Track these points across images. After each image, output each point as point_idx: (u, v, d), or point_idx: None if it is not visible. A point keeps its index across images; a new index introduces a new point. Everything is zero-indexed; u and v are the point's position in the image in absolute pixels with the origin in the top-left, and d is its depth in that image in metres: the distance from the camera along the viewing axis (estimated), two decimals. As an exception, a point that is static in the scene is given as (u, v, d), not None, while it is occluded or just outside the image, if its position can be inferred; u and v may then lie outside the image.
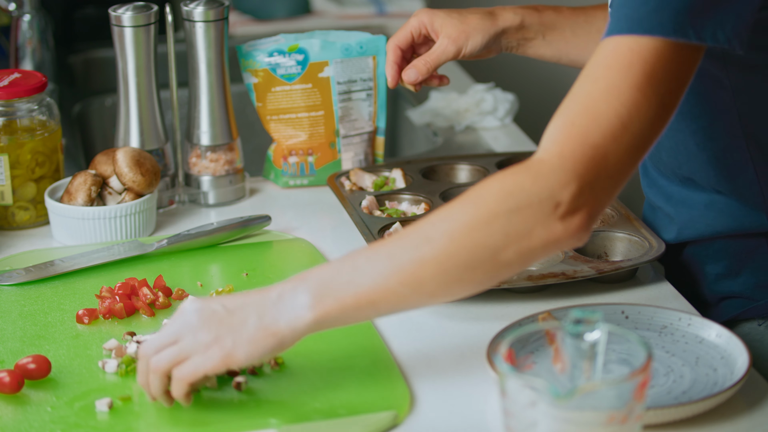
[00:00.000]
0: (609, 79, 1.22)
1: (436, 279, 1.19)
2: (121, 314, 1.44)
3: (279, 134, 1.82)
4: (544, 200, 1.19)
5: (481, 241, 1.19)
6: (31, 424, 1.25)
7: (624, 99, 1.22)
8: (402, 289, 1.20)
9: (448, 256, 1.19)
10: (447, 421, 1.26)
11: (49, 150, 1.71)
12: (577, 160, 1.20)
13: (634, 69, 1.22)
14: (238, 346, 1.20)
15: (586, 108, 1.22)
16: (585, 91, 1.23)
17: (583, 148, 1.21)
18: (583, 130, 1.21)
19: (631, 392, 1.05)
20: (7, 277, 1.55)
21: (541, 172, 1.20)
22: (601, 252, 1.57)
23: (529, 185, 1.20)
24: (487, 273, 1.20)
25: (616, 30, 1.24)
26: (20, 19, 2.02)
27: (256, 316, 1.21)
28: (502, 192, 1.20)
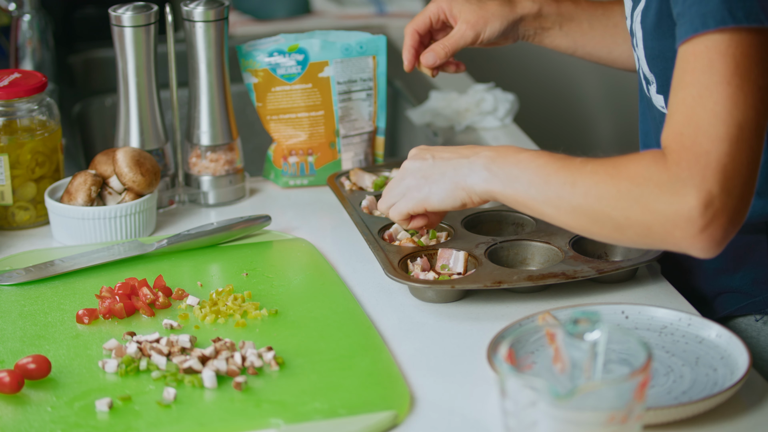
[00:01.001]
0: (697, 83, 1.26)
1: (570, 216, 1.34)
2: (121, 314, 1.45)
3: (279, 134, 1.82)
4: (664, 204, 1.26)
5: (606, 211, 1.31)
6: (31, 424, 1.25)
7: (717, 97, 1.25)
8: (544, 208, 1.36)
9: (580, 207, 1.33)
10: (447, 421, 1.26)
11: (49, 150, 1.71)
12: (692, 169, 1.25)
13: (717, 65, 1.26)
14: (433, 193, 1.45)
15: (687, 117, 1.27)
16: (680, 100, 1.28)
17: (696, 156, 1.25)
18: (692, 139, 1.26)
19: (631, 392, 1.05)
20: (7, 277, 1.55)
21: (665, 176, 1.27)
22: (601, 252, 1.57)
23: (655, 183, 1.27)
24: (611, 236, 1.33)
25: (690, 30, 1.28)
26: (20, 19, 2.02)
27: (452, 171, 1.43)
28: (636, 178, 1.29)
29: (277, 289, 1.52)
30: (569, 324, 1.10)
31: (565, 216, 1.34)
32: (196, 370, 1.32)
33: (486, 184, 1.40)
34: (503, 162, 1.39)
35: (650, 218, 1.27)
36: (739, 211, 1.26)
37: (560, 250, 1.53)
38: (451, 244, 1.55)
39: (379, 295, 1.51)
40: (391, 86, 2.29)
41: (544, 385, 1.04)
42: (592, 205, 1.31)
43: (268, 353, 1.35)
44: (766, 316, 1.53)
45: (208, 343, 1.38)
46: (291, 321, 1.45)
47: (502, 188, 1.38)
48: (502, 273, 1.48)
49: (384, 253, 1.53)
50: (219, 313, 1.45)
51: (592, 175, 1.32)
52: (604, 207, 1.30)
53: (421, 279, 1.48)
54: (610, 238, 1.33)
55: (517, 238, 1.57)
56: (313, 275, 1.56)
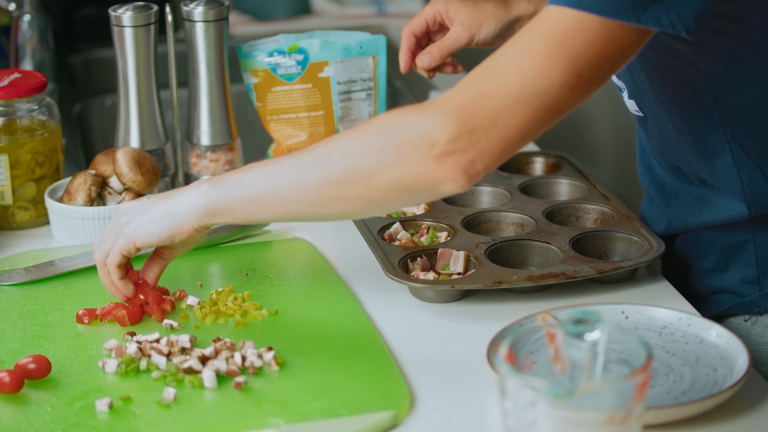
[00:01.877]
0: (526, 42, 1.26)
1: (312, 188, 1.29)
2: (124, 322, 1.44)
3: (279, 134, 1.82)
4: (420, 137, 1.25)
5: (354, 162, 1.27)
6: (31, 424, 1.25)
7: (532, 61, 1.25)
8: (281, 192, 1.31)
9: (323, 169, 1.29)
10: (447, 421, 1.26)
11: (49, 150, 1.71)
12: (463, 105, 1.26)
13: (553, 36, 1.25)
14: (139, 227, 1.38)
15: (495, 63, 1.27)
16: (503, 50, 1.28)
17: (473, 96, 1.26)
18: (481, 81, 1.26)
19: (631, 392, 1.05)
20: (7, 277, 1.55)
21: (426, 111, 1.26)
22: (601, 252, 1.57)
23: (410, 121, 1.26)
24: (359, 194, 1.28)
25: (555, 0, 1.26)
26: (20, 19, 2.02)
27: (164, 201, 1.38)
28: (386, 123, 1.28)
29: (277, 289, 1.52)
30: (569, 324, 1.10)
31: (308, 191, 1.30)
32: (196, 370, 1.32)
33: (204, 197, 1.35)
34: (221, 176, 1.36)
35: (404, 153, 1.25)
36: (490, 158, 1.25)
37: (560, 250, 1.53)
38: (451, 244, 1.55)
39: (379, 295, 1.51)
40: (391, 86, 2.29)
41: (544, 385, 1.04)
42: (337, 163, 1.28)
43: (268, 353, 1.35)
44: (755, 317, 1.53)
45: (208, 343, 1.38)
46: (291, 321, 1.45)
47: (224, 194, 1.34)
48: (502, 273, 1.48)
49: (384, 253, 1.53)
50: (219, 313, 1.45)
51: (335, 139, 1.30)
52: (352, 158, 1.28)
53: (421, 279, 1.48)
54: (358, 199, 1.29)
55: (517, 238, 1.57)
56: (313, 275, 1.56)
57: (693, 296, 1.57)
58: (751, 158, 1.45)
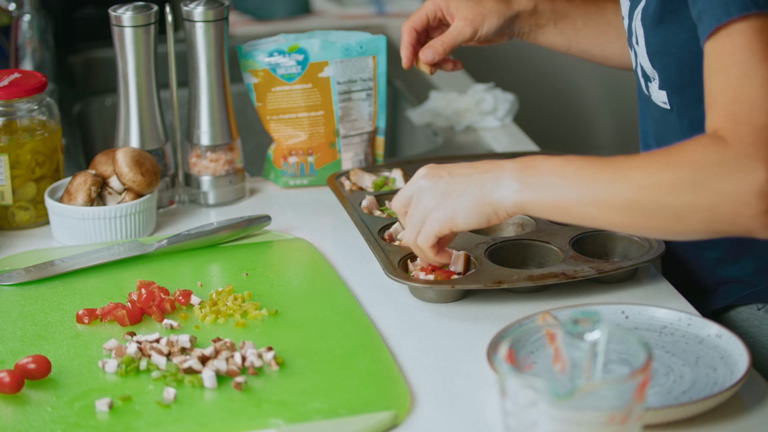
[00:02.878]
0: (739, 64, 1.26)
1: (621, 214, 1.29)
2: (124, 322, 1.44)
3: (279, 134, 1.82)
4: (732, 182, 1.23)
5: (666, 201, 1.26)
6: (31, 424, 1.25)
7: (763, 72, 1.25)
8: (592, 210, 1.30)
9: (635, 201, 1.28)
10: (447, 421, 1.26)
11: (49, 150, 1.71)
12: (755, 144, 1.24)
13: (755, 44, 1.26)
14: (458, 211, 1.37)
15: (735, 97, 1.26)
16: (723, 83, 1.27)
17: (757, 131, 1.24)
18: (746, 117, 1.25)
19: (631, 392, 1.05)
20: (7, 277, 1.55)
21: (728, 154, 1.24)
22: (601, 252, 1.57)
23: (718, 164, 1.24)
24: (669, 227, 1.28)
25: (714, 22, 1.28)
26: (20, 19, 2.02)
27: (476, 187, 1.36)
28: (695, 162, 1.25)
29: (277, 289, 1.52)
30: (569, 324, 1.10)
31: (616, 214, 1.29)
32: (196, 370, 1.32)
33: (518, 195, 1.34)
34: (534, 171, 1.34)
35: (717, 200, 1.24)
36: None
37: (560, 250, 1.53)
38: (451, 244, 1.55)
39: (379, 295, 1.51)
40: (391, 86, 2.29)
41: (544, 385, 1.04)
42: (649, 197, 1.27)
43: (268, 353, 1.35)
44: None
45: (208, 343, 1.38)
46: (291, 321, 1.45)
47: (537, 197, 1.33)
48: (502, 273, 1.48)
49: (384, 253, 1.53)
50: (219, 313, 1.45)
51: (644, 165, 1.28)
52: (663, 196, 1.26)
53: (421, 279, 1.48)
54: (666, 230, 1.29)
55: (517, 238, 1.57)
56: (313, 275, 1.56)
57: (699, 289, 1.57)
58: None
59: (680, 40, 1.43)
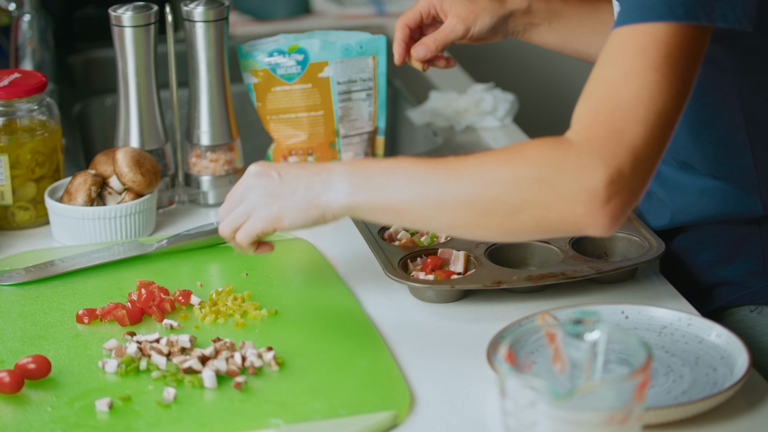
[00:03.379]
0: (626, 64, 1.25)
1: (455, 212, 1.28)
2: (124, 322, 1.44)
3: (279, 134, 1.82)
4: (568, 180, 1.23)
5: (500, 197, 1.26)
6: (31, 424, 1.25)
7: (643, 81, 1.24)
8: (424, 210, 1.29)
9: (468, 199, 1.27)
10: (447, 421, 1.27)
11: (49, 150, 1.71)
12: (603, 145, 1.23)
13: (649, 51, 1.25)
14: (284, 211, 1.36)
15: (607, 94, 1.25)
16: (603, 77, 1.27)
17: (609, 133, 1.24)
18: (607, 116, 1.24)
19: (631, 392, 1.05)
20: (7, 277, 1.55)
21: (570, 153, 1.24)
22: (601, 252, 1.57)
23: (557, 162, 1.24)
24: (502, 226, 1.27)
25: (628, 19, 1.27)
26: (20, 19, 2.02)
27: (304, 188, 1.35)
28: (534, 159, 1.25)
29: (277, 289, 1.52)
30: (569, 324, 1.10)
31: (450, 213, 1.28)
32: (196, 370, 1.32)
33: (348, 198, 1.33)
34: (364, 172, 1.33)
35: (551, 196, 1.24)
36: (638, 192, 1.25)
37: (560, 250, 1.53)
38: (451, 244, 1.55)
39: (379, 295, 1.51)
40: (391, 86, 2.29)
41: (544, 385, 1.04)
42: (483, 193, 1.26)
43: (268, 353, 1.35)
44: (761, 307, 1.54)
45: (208, 343, 1.38)
46: (291, 321, 1.45)
47: (368, 198, 1.32)
48: (501, 273, 1.48)
49: (384, 253, 1.53)
50: (219, 313, 1.45)
51: (480, 164, 1.28)
52: (498, 192, 1.26)
53: (421, 279, 1.48)
54: (498, 229, 1.28)
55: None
56: (313, 275, 1.56)
57: (695, 290, 1.57)
58: None
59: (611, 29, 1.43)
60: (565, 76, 2.91)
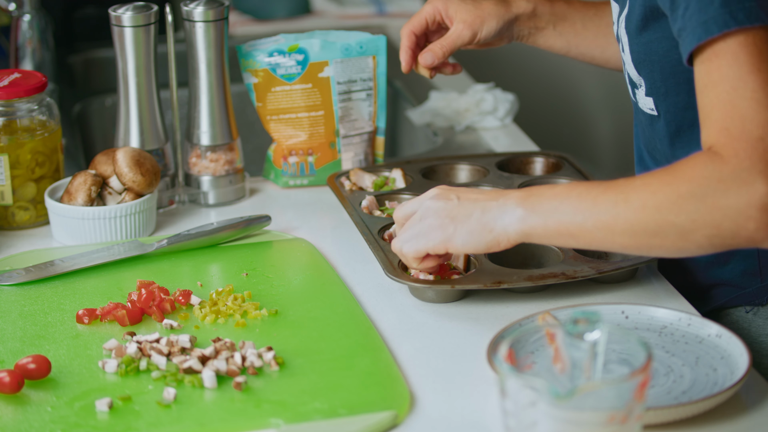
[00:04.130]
0: (727, 78, 1.27)
1: (625, 235, 1.29)
2: (124, 322, 1.44)
3: (279, 134, 1.82)
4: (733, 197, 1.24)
5: (669, 219, 1.26)
6: (31, 424, 1.25)
7: (752, 85, 1.26)
8: (597, 233, 1.30)
9: (638, 222, 1.28)
10: (447, 421, 1.27)
11: (49, 150, 1.71)
12: (752, 157, 1.24)
13: (742, 57, 1.26)
14: (458, 233, 1.38)
15: (726, 112, 1.27)
16: (713, 98, 1.28)
17: (752, 144, 1.24)
18: (740, 130, 1.25)
19: (631, 392, 1.06)
20: (7, 277, 1.55)
21: (726, 169, 1.25)
22: (601, 252, 1.57)
23: (716, 179, 1.25)
24: (676, 245, 1.28)
25: (695, 40, 1.29)
26: (20, 19, 2.03)
27: (480, 212, 1.37)
28: (695, 179, 1.26)
29: (277, 289, 1.52)
30: (569, 324, 1.10)
31: (621, 236, 1.29)
32: (196, 370, 1.32)
33: (521, 223, 1.34)
34: (538, 198, 1.34)
35: (719, 215, 1.25)
36: None
37: (560, 250, 1.53)
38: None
39: (379, 295, 1.51)
40: (391, 86, 2.29)
41: (544, 385, 1.04)
42: (652, 217, 1.27)
43: (268, 353, 1.35)
44: (757, 308, 1.54)
45: (208, 343, 1.38)
46: (291, 321, 1.45)
47: (542, 222, 1.33)
48: (502, 273, 1.48)
49: (384, 253, 1.53)
50: (219, 313, 1.45)
51: (645, 186, 1.29)
52: (666, 215, 1.27)
53: (421, 279, 1.48)
54: (672, 248, 1.29)
55: (517, 238, 1.57)
56: (313, 275, 1.56)
57: (692, 290, 1.57)
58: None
59: (663, 48, 1.43)
60: (565, 76, 2.91)
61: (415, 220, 1.42)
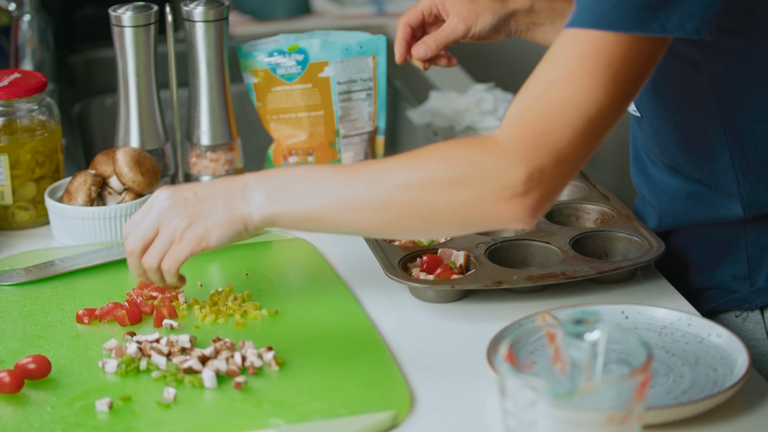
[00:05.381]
0: (566, 66, 1.25)
1: (376, 216, 1.28)
2: (124, 322, 1.44)
3: (279, 134, 1.82)
4: (490, 178, 1.24)
5: (422, 199, 1.26)
6: (31, 424, 1.25)
7: (579, 86, 1.25)
8: (345, 215, 1.29)
9: (389, 201, 1.27)
10: (447, 421, 1.27)
11: (49, 150, 1.71)
12: (528, 144, 1.25)
13: (592, 57, 1.25)
14: (209, 230, 1.34)
15: (542, 93, 1.26)
16: (542, 75, 1.27)
17: (536, 134, 1.25)
18: (538, 116, 1.25)
19: (631, 392, 1.06)
20: (7, 277, 1.55)
21: (493, 150, 1.25)
22: (601, 252, 1.57)
23: (479, 160, 1.25)
24: (425, 226, 1.28)
25: (578, 22, 1.27)
26: (20, 19, 2.02)
27: (224, 203, 1.34)
28: (454, 159, 1.26)
29: (277, 289, 1.52)
30: (569, 324, 1.10)
31: (370, 217, 1.29)
32: (196, 370, 1.32)
33: (266, 208, 1.32)
34: (278, 182, 1.32)
35: (473, 195, 1.25)
36: (556, 192, 1.26)
37: (560, 250, 1.53)
38: (451, 244, 1.56)
39: (379, 295, 1.51)
40: (391, 86, 2.29)
41: (544, 385, 1.04)
42: (403, 196, 1.27)
43: (268, 353, 1.35)
44: (746, 312, 1.54)
45: (208, 343, 1.38)
46: (291, 321, 1.45)
47: (287, 207, 1.31)
48: (502, 273, 1.48)
49: (384, 253, 1.53)
50: (219, 313, 1.45)
51: (399, 166, 1.28)
52: (419, 194, 1.26)
53: (421, 279, 1.48)
54: (422, 229, 1.29)
55: (517, 238, 1.57)
56: (313, 275, 1.56)
57: (688, 293, 1.57)
58: (749, 161, 1.45)
59: None
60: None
61: (150, 227, 1.36)
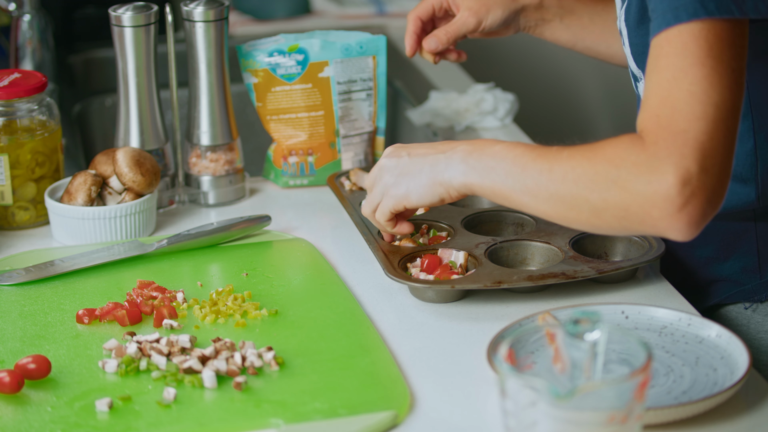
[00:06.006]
0: (672, 67, 1.26)
1: (548, 204, 1.33)
2: (124, 322, 1.44)
3: (279, 134, 1.82)
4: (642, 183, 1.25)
5: (583, 194, 1.30)
6: (31, 424, 1.25)
7: (692, 78, 1.25)
8: (524, 198, 1.34)
9: (557, 193, 1.31)
10: (447, 421, 1.27)
11: (49, 150, 1.71)
12: (670, 147, 1.24)
13: (691, 48, 1.26)
14: (411, 189, 1.44)
15: (662, 99, 1.27)
16: (654, 84, 1.28)
17: (674, 135, 1.24)
18: (668, 119, 1.25)
19: (631, 392, 1.06)
20: (7, 277, 1.55)
21: (643, 155, 1.26)
22: (601, 252, 1.57)
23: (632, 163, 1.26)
24: (590, 221, 1.31)
25: (663, 24, 1.28)
26: (20, 19, 2.03)
27: (429, 167, 1.43)
28: (613, 160, 1.28)
29: (277, 289, 1.52)
30: (569, 324, 1.10)
31: (543, 204, 1.33)
32: (196, 370, 1.32)
33: (464, 177, 1.39)
34: (480, 154, 1.38)
35: (628, 198, 1.26)
36: (717, 191, 1.25)
37: (560, 250, 1.53)
38: (451, 244, 1.56)
39: (379, 295, 1.51)
40: (391, 86, 2.29)
41: (544, 385, 1.04)
42: (570, 190, 1.30)
43: (268, 353, 1.35)
44: (755, 304, 1.54)
45: (208, 343, 1.38)
46: (291, 321, 1.45)
47: (479, 180, 1.38)
48: (502, 273, 1.48)
49: (384, 253, 1.53)
50: (219, 313, 1.45)
51: (569, 159, 1.31)
52: (582, 190, 1.29)
53: (421, 279, 1.48)
54: (587, 223, 1.32)
55: (517, 238, 1.57)
56: (313, 275, 1.56)
57: (692, 286, 1.57)
58: None
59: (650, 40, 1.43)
60: (565, 76, 2.91)
61: (372, 180, 1.49)
